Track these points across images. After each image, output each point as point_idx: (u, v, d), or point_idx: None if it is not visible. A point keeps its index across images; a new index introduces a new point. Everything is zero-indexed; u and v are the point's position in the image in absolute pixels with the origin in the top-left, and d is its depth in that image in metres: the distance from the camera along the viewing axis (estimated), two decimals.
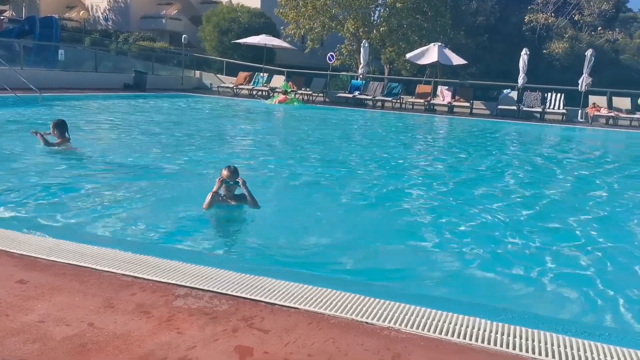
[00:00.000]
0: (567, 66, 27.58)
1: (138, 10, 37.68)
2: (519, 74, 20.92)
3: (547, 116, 20.04)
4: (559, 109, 19.89)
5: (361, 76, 23.49)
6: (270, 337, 2.48)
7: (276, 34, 28.33)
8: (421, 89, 22.30)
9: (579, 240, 5.06)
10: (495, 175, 8.61)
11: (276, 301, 2.84)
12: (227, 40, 28.72)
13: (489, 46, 29.56)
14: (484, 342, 2.54)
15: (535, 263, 4.34)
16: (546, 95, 20.32)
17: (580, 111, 19.92)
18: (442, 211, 5.91)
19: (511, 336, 2.61)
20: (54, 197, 5.48)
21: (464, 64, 23.34)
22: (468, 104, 20.79)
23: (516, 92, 20.89)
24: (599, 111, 19.37)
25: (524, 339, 2.59)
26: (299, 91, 22.39)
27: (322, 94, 23.00)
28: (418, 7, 26.50)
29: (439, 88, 21.99)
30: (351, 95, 21.99)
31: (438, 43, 22.59)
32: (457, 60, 22.49)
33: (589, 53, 20.48)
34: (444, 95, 21.34)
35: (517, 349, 2.50)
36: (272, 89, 22.47)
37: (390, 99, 21.58)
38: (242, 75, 24.38)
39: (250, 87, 23.58)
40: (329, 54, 25.31)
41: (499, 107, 20.49)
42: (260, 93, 23.24)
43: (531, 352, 2.48)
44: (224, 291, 2.93)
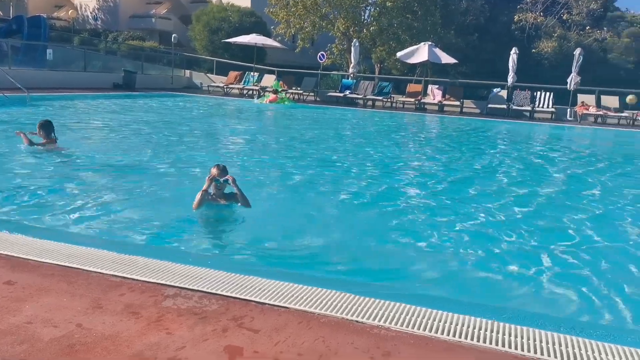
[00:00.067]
0: (556, 65, 27.75)
1: (127, 10, 37.45)
2: (509, 73, 21.06)
3: (536, 115, 20.19)
4: (548, 107, 20.04)
5: (352, 75, 23.52)
6: (260, 337, 2.48)
7: (267, 33, 28.27)
8: (412, 88, 22.38)
9: (570, 238, 5.09)
10: (486, 174, 8.65)
11: (266, 301, 2.84)
12: (217, 39, 28.62)
13: (478, 45, 29.68)
14: (473, 339, 2.56)
15: (525, 261, 4.37)
16: (535, 94, 20.47)
17: (569, 110, 20.07)
18: (432, 210, 5.94)
19: (500, 333, 2.62)
20: (42, 198, 5.43)
21: (454, 63, 23.44)
22: (458, 103, 20.89)
23: (506, 91, 21.03)
24: (588, 110, 19.53)
25: (513, 336, 2.61)
26: (290, 90, 22.37)
27: (313, 93, 23.01)
28: (408, 7, 26.55)
29: (430, 87, 22.08)
30: (342, 95, 22.01)
31: (428, 42, 22.66)
32: (447, 59, 22.57)
33: (578, 52, 20.65)
34: (434, 94, 21.42)
35: (506, 346, 2.52)
36: (263, 89, 22.44)
37: (380, 98, 21.64)
38: (233, 74, 24.33)
39: (240, 86, 23.53)
40: (319, 53, 25.30)
41: (489, 106, 20.62)
42: (251, 92, 23.19)
43: (520, 349, 2.49)
44: (213, 291, 2.92)
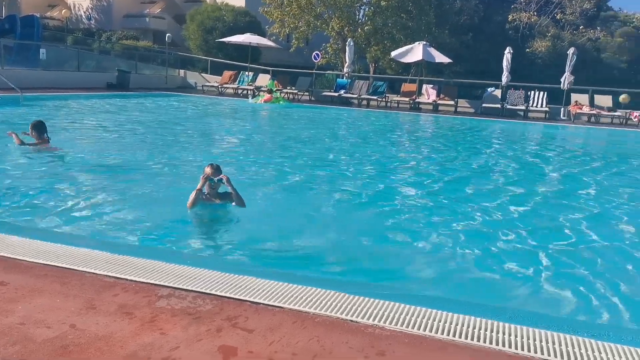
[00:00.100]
0: (550, 65, 27.85)
1: (121, 9, 37.33)
2: (503, 72, 21.10)
3: (530, 114, 20.25)
4: (542, 107, 20.10)
5: (346, 75, 23.52)
6: (255, 337, 2.47)
7: (261, 32, 28.23)
8: (406, 87, 22.41)
9: (565, 237, 5.11)
10: (481, 174, 8.65)
11: (261, 300, 2.83)
12: (211, 39, 28.55)
13: (473, 45, 29.75)
14: (467, 338, 2.56)
15: (519, 260, 4.38)
16: (529, 93, 20.53)
17: (562, 109, 20.15)
18: (426, 210, 5.95)
19: (494, 332, 2.63)
20: (34, 198, 5.40)
21: (448, 62, 23.48)
22: (453, 102, 20.93)
23: (500, 90, 21.07)
24: (581, 109, 19.61)
25: (507, 334, 2.62)
26: (285, 90, 22.35)
27: (307, 93, 22.99)
28: (402, 6, 26.59)
29: (424, 86, 22.10)
30: (337, 94, 22.01)
31: (423, 42, 22.69)
32: (441, 58, 22.61)
33: (571, 51, 20.72)
34: (428, 94, 21.45)
35: (499, 344, 2.52)
36: (258, 88, 22.40)
37: (375, 97, 21.64)
38: (227, 74, 24.28)
39: (235, 86, 23.49)
40: (314, 53, 25.30)
41: (483, 105, 20.66)
42: (245, 92, 23.15)
43: (513, 348, 2.50)
44: (207, 291, 2.91)
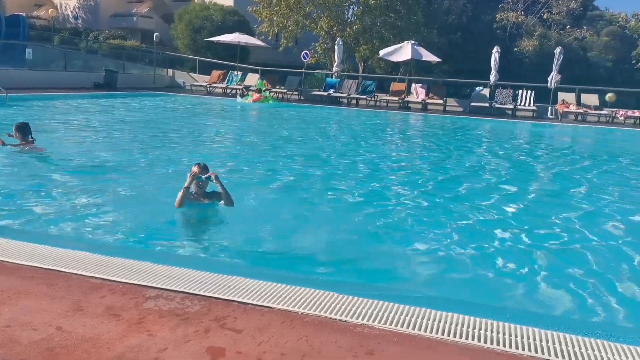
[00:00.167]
0: (537, 64, 28.08)
1: (108, 9, 37.07)
2: (491, 71, 21.23)
3: (518, 113, 20.39)
4: (529, 105, 20.26)
5: (336, 74, 23.54)
6: (243, 337, 2.46)
7: (250, 32, 28.16)
8: (395, 86, 22.47)
9: (556, 234, 5.15)
10: (472, 173, 8.64)
11: (249, 301, 2.82)
12: (200, 38, 28.44)
13: (461, 44, 29.92)
14: (455, 336, 2.57)
15: (508, 258, 4.40)
16: (517, 92, 20.68)
17: (550, 108, 20.32)
18: (415, 209, 5.95)
19: (482, 330, 2.64)
20: (19, 199, 5.34)
21: (437, 61, 23.57)
22: (441, 101, 21.02)
23: (488, 89, 21.20)
24: (568, 108, 19.79)
25: (495, 332, 2.63)
26: (274, 89, 22.32)
27: (296, 92, 22.97)
28: (391, 6, 26.66)
29: (413, 86, 22.18)
30: (326, 94, 22.02)
31: (411, 41, 22.77)
32: (430, 57, 22.70)
33: (558, 51, 20.90)
34: (417, 93, 21.53)
35: (487, 342, 2.53)
36: (247, 88, 22.35)
37: (364, 96, 21.68)
38: (216, 73, 24.19)
39: (224, 85, 23.41)
40: (303, 52, 25.28)
41: (472, 104, 20.77)
42: (234, 92, 23.08)
43: (501, 345, 2.51)
44: (195, 292, 2.89)
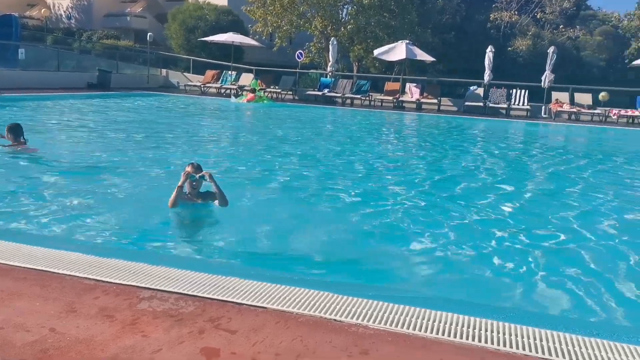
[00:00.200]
0: (531, 63, 28.19)
1: (101, 8, 36.94)
2: (485, 70, 21.29)
3: (512, 112, 20.45)
4: (523, 105, 20.32)
5: (330, 74, 23.54)
6: (238, 338, 2.46)
7: (244, 31, 28.10)
8: (390, 86, 22.50)
9: (552, 233, 5.16)
10: (467, 172, 8.62)
11: (244, 301, 2.82)
12: (193, 38, 28.37)
13: (455, 44, 29.99)
14: (450, 335, 2.57)
15: (502, 257, 4.42)
16: (511, 91, 20.74)
17: (543, 107, 20.40)
18: (409, 209, 5.96)
19: (477, 329, 2.64)
20: (12, 200, 5.30)
21: (431, 61, 23.61)
22: (436, 101, 21.06)
23: (482, 88, 21.26)
24: (562, 107, 19.87)
25: (489, 331, 2.64)
26: (268, 89, 22.29)
27: (291, 92, 22.96)
28: (385, 5, 26.70)
29: (407, 85, 22.22)
30: (320, 93, 22.02)
31: (406, 41, 22.80)
32: (425, 57, 22.74)
33: (551, 50, 20.98)
34: (412, 93, 21.57)
35: (482, 341, 2.54)
36: (241, 87, 22.31)
37: (359, 96, 21.69)
38: (210, 73, 24.14)
39: (218, 85, 23.36)
40: (297, 52, 25.26)
41: (466, 103, 20.81)
42: (228, 91, 23.04)
43: (495, 344, 2.52)
44: (190, 292, 2.88)
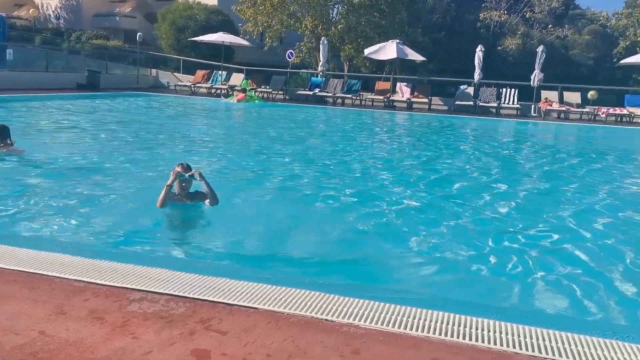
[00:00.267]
0: (520, 62, 28.35)
1: (90, 8, 36.70)
2: (475, 70, 21.38)
3: (502, 111, 20.54)
4: (513, 104, 20.43)
5: (321, 73, 23.53)
6: (229, 339, 2.45)
7: (234, 31, 28.03)
8: (380, 85, 22.54)
9: (542, 231, 5.17)
10: (460, 171, 8.60)
11: (235, 302, 2.81)
12: (183, 38, 28.26)
13: (445, 43, 30.11)
14: (441, 334, 2.58)
15: (492, 256, 4.43)
16: (501, 90, 20.83)
17: (533, 106, 20.52)
18: (399, 208, 5.97)
19: (467, 328, 2.66)
20: (0, 202, 5.26)
21: (422, 60, 23.67)
22: (427, 100, 21.13)
23: (472, 87, 21.34)
24: (551, 106, 20.00)
25: (480, 329, 2.65)
26: (259, 89, 22.25)
27: (282, 92, 22.93)
28: (375, 5, 26.76)
29: (398, 84, 22.27)
30: (311, 93, 22.01)
31: (396, 40, 22.85)
32: (415, 56, 22.79)
33: (540, 49, 21.11)
34: (403, 92, 21.62)
35: (473, 339, 2.55)
36: (232, 87, 22.25)
37: (350, 95, 21.70)
38: (200, 73, 24.06)
39: (208, 85, 23.28)
40: (288, 52, 25.23)
41: (456, 102, 20.89)
42: (219, 91, 22.97)
43: (486, 342, 2.53)
44: (180, 294, 2.87)
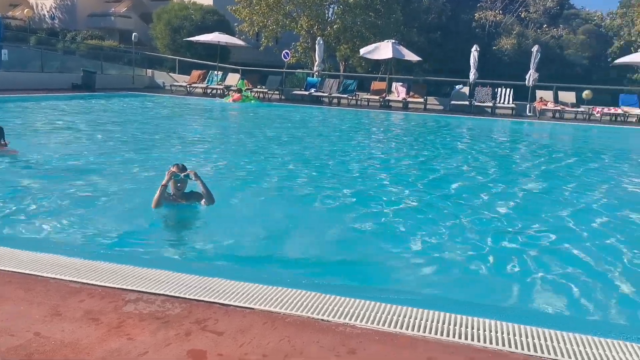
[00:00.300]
0: (515, 62, 28.43)
1: (85, 8, 36.59)
2: (470, 69, 21.41)
3: (497, 111, 20.58)
4: (508, 103, 20.48)
5: (317, 73, 23.52)
6: (225, 339, 2.45)
7: (230, 31, 27.98)
8: (376, 85, 22.54)
9: (538, 230, 5.19)
10: (456, 170, 8.61)
11: (230, 302, 2.81)
12: (179, 38, 28.20)
13: (441, 43, 30.17)
14: (437, 334, 2.59)
15: (488, 255, 4.44)
16: (496, 90, 20.87)
17: (528, 105, 20.57)
18: (396, 209, 5.98)
19: (463, 327, 2.66)
20: None
21: (417, 60, 23.69)
22: (422, 100, 21.15)
23: (468, 87, 21.38)
24: (546, 105, 20.06)
25: (475, 329, 2.66)
26: (255, 89, 22.23)
27: (278, 92, 22.91)
28: (371, 5, 26.77)
29: (394, 84, 22.29)
30: (307, 93, 21.99)
31: (392, 40, 22.86)
32: (411, 56, 22.81)
33: (535, 49, 21.17)
34: (398, 92, 21.64)
35: (468, 338, 2.56)
36: (227, 87, 22.22)
37: (346, 95, 21.69)
38: (196, 73, 24.00)
39: (204, 85, 23.23)
40: (284, 52, 25.20)
41: (452, 102, 20.91)
42: (214, 92, 22.94)
43: (482, 342, 2.54)
44: (176, 294, 2.87)
